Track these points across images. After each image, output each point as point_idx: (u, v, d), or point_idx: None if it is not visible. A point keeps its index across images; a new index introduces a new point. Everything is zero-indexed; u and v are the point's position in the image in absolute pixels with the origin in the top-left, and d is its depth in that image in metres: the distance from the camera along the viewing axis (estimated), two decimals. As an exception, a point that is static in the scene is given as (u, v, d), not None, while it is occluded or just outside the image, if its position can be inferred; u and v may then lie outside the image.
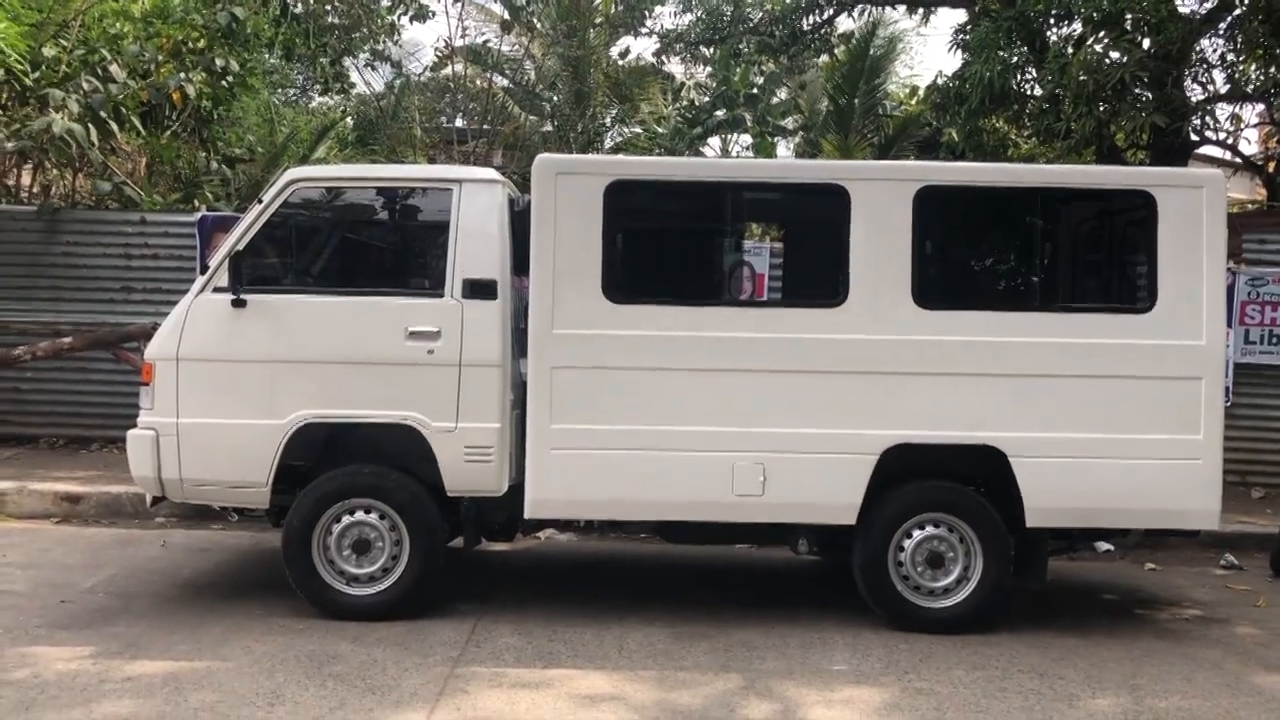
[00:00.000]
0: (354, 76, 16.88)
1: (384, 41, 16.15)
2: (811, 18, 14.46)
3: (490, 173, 5.97)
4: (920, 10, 14.80)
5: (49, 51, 10.45)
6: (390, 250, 6.25)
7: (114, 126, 10.56)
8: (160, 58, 10.92)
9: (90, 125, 10.01)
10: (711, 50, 17.77)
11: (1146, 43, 9.86)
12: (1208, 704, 4.78)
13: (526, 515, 5.68)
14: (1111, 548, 7.62)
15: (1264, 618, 6.27)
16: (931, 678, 4.99)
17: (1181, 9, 10.27)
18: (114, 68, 10.47)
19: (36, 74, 10.29)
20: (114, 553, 6.93)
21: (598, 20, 18.58)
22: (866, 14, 15.64)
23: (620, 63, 19.53)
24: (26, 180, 12.05)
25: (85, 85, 10.15)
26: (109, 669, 4.78)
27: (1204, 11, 10.50)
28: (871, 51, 16.47)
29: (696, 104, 19.34)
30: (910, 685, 4.89)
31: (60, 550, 6.95)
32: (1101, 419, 5.56)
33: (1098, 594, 6.75)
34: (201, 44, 11.23)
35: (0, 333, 9.70)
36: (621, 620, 5.73)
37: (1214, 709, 4.72)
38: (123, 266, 10.05)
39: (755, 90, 19.41)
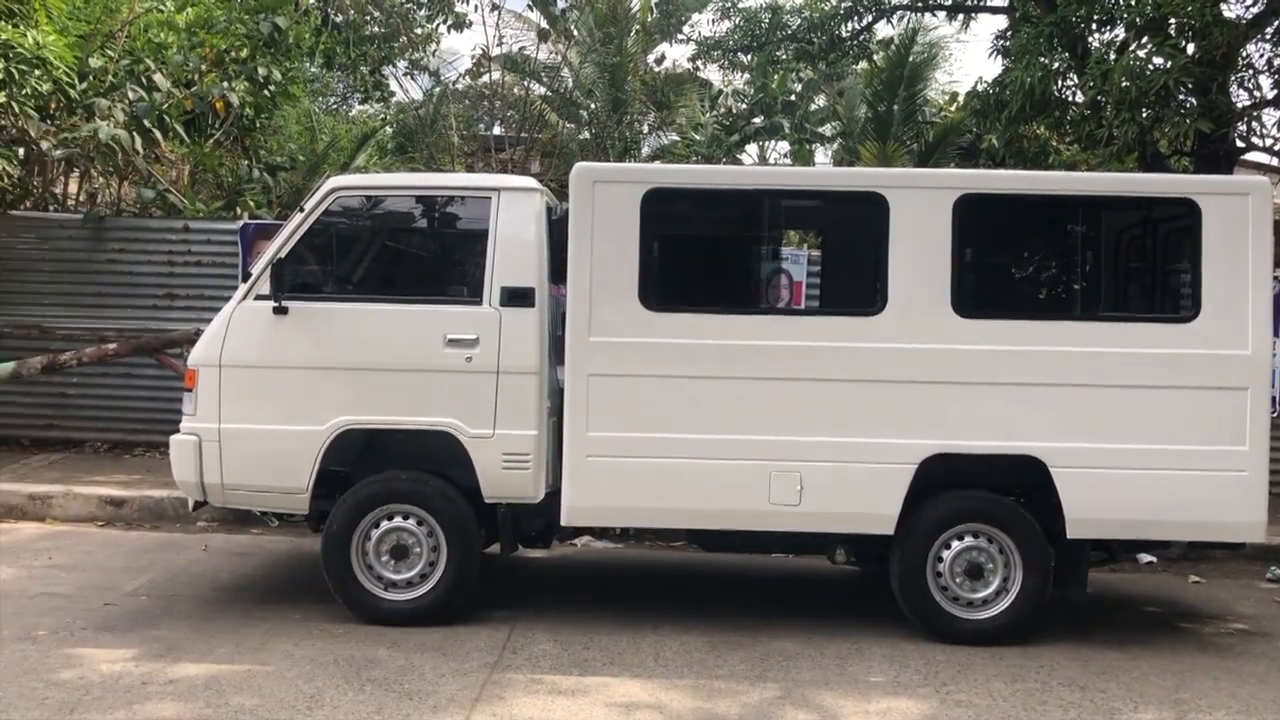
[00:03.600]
0: (393, 85, 17.05)
1: (422, 50, 16.27)
2: (850, 24, 14.41)
3: (528, 181, 6.00)
4: (960, 16, 14.72)
5: (95, 62, 10.63)
6: (429, 258, 6.29)
7: (158, 135, 10.71)
8: (204, 67, 11.07)
9: (135, 133, 10.16)
10: (749, 57, 17.76)
11: (1191, 48, 9.73)
12: (1253, 720, 4.71)
13: (563, 522, 5.69)
14: (1154, 559, 7.52)
15: (1311, 632, 6.17)
16: (970, 690, 4.95)
17: (1227, 13, 10.13)
18: (158, 77, 10.62)
19: (84, 84, 10.47)
20: (156, 556, 7.02)
21: (635, 28, 18.61)
22: (906, 20, 15.57)
23: (657, 70, 19.55)
24: (73, 188, 12.25)
25: (130, 94, 10.31)
26: (152, 671, 4.84)
27: (1250, 16, 10.35)
28: (911, 58, 16.39)
29: (734, 111, 19.34)
30: (949, 697, 4.85)
31: (104, 553, 7.05)
32: (1144, 429, 5.49)
33: (1139, 607, 6.66)
34: (244, 53, 11.37)
35: (47, 338, 9.84)
36: (657, 628, 5.72)
37: (1259, 725, 4.65)
38: (166, 273, 10.17)
39: (793, 97, 19.39)
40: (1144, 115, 9.64)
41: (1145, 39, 10.03)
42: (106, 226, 10.32)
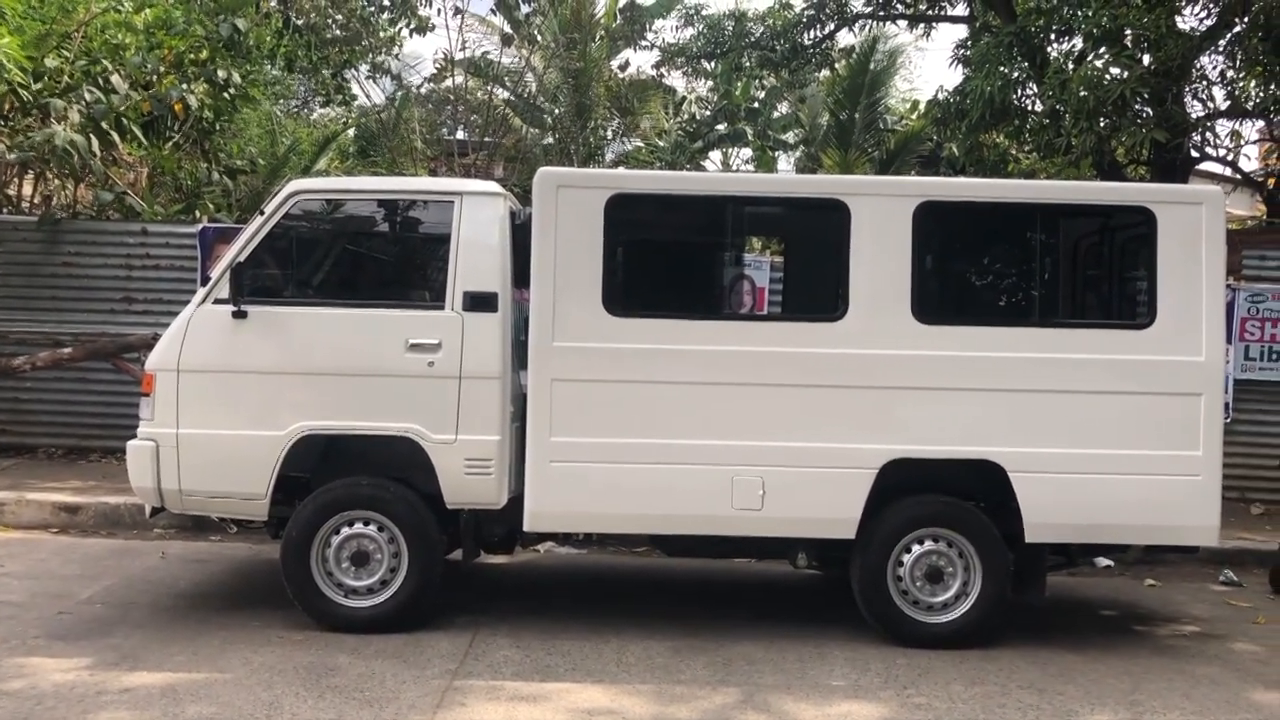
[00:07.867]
0: (355, 88, 16.96)
1: (384, 54, 16.21)
2: (812, 32, 14.53)
3: (491, 185, 5.98)
4: (921, 25, 14.87)
5: (51, 62, 10.47)
6: (391, 262, 6.25)
7: (115, 137, 10.58)
8: (162, 69, 10.95)
9: (92, 136, 10.04)
10: (713, 64, 17.84)
11: (1147, 59, 9.90)
12: (1207, 721, 4.77)
13: (526, 528, 5.67)
14: (1111, 563, 7.61)
15: (1263, 634, 6.26)
16: (930, 693, 4.98)
17: (1181, 26, 10.32)
18: (116, 78, 10.50)
19: (39, 85, 10.32)
20: (112, 563, 6.92)
21: (599, 34, 18.64)
22: (867, 29, 15.72)
23: (621, 76, 19.58)
24: (28, 190, 12.07)
25: (87, 96, 10.18)
26: (106, 680, 4.77)
27: (1204, 28, 10.54)
28: (872, 66, 16.57)
29: (697, 118, 19.42)
30: (908, 700, 4.88)
31: (58, 561, 6.94)
32: (1101, 434, 5.55)
33: (1097, 610, 6.74)
34: (204, 55, 11.27)
35: (0, 342, 9.70)
36: (620, 634, 5.72)
37: (1213, 726, 4.72)
38: (124, 277, 10.05)
39: (756, 104, 19.50)
40: (1101, 124, 9.80)
41: (1103, 50, 10.20)
42: (62, 229, 10.18)
